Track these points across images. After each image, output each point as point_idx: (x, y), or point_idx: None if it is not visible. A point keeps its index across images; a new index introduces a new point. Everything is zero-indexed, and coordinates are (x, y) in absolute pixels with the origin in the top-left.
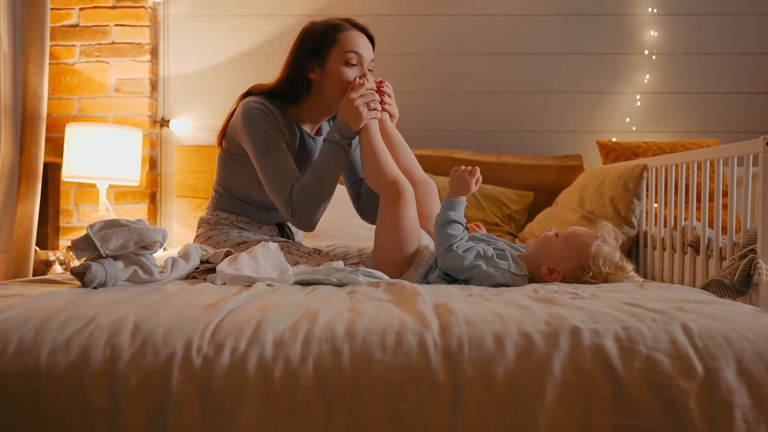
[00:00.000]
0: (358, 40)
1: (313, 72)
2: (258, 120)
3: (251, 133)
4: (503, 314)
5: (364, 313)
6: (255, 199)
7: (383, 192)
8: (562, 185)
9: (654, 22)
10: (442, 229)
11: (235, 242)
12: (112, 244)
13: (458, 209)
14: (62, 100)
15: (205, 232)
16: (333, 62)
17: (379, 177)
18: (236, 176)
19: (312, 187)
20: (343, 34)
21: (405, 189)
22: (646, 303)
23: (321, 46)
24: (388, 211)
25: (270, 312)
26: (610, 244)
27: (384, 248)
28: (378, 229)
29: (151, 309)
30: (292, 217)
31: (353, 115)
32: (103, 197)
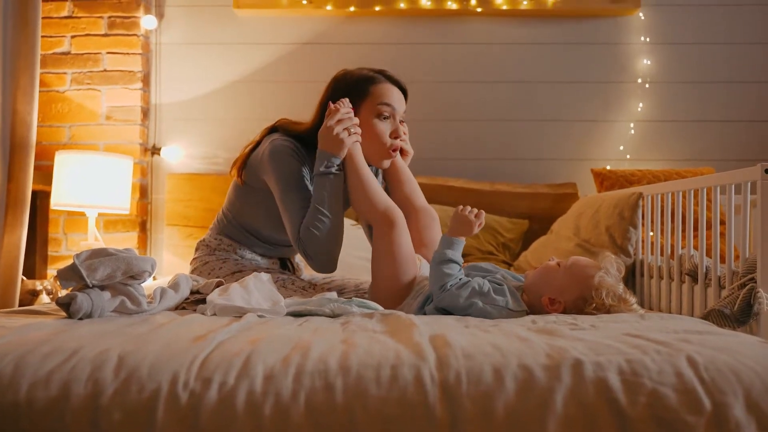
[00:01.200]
0: (392, 92)
1: None
2: (286, 158)
3: (277, 169)
4: (502, 346)
5: (358, 346)
6: (264, 234)
7: (375, 221)
8: (556, 213)
9: (647, 50)
10: (438, 267)
11: (230, 271)
12: (99, 274)
13: (456, 248)
14: (52, 127)
15: (202, 255)
16: (365, 115)
17: (369, 206)
18: (249, 208)
19: (317, 226)
20: (377, 87)
21: (397, 217)
22: (649, 334)
23: (355, 95)
24: (381, 240)
25: (260, 344)
26: (613, 276)
27: (380, 277)
28: (373, 258)
29: (136, 341)
30: (308, 260)
31: (334, 143)
32: (93, 226)
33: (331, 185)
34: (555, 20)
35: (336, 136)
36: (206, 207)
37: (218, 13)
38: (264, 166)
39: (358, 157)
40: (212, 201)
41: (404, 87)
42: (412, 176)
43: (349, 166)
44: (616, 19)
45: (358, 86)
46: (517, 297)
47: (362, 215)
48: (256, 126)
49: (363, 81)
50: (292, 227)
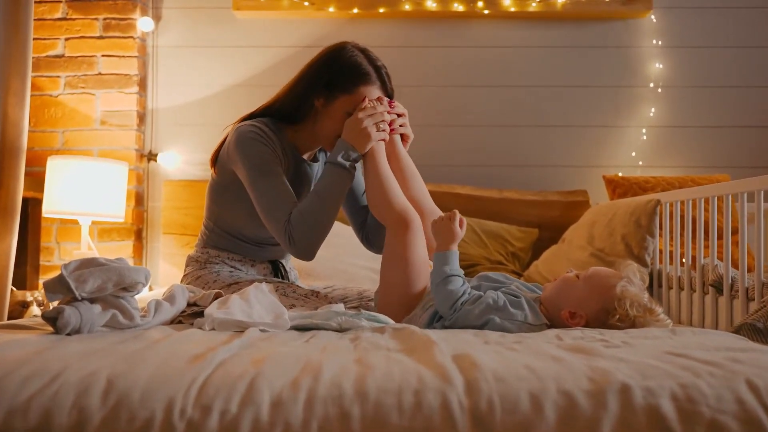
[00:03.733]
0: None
1: (318, 99)
2: (253, 143)
3: (245, 156)
4: (537, 368)
5: (375, 367)
6: (248, 234)
7: (390, 223)
8: (567, 222)
9: (659, 54)
10: (440, 287)
11: (225, 283)
12: (88, 286)
13: (452, 262)
14: (45, 132)
15: (193, 271)
16: (339, 106)
17: (386, 207)
18: (228, 210)
19: (312, 212)
20: (365, 89)
21: (413, 220)
22: (693, 352)
23: (337, 84)
24: (395, 244)
25: (266, 365)
26: (636, 285)
27: (390, 283)
28: (384, 262)
29: (128, 361)
30: (289, 245)
31: (360, 136)
32: (86, 234)
33: (341, 178)
34: (564, 23)
35: (363, 129)
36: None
37: (217, 15)
38: (231, 156)
39: (380, 155)
40: None
41: (392, 94)
42: (419, 176)
43: (369, 163)
44: (627, 21)
45: (347, 75)
46: (535, 309)
47: (377, 215)
48: None
49: (355, 75)
50: (268, 213)
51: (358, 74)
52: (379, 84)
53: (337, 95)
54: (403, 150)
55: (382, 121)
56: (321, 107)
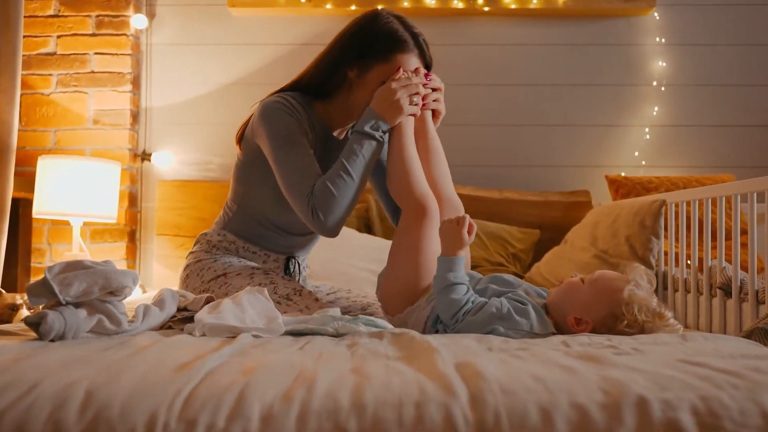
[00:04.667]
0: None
1: (351, 70)
2: (277, 114)
3: (269, 127)
4: (545, 378)
5: (373, 377)
6: (272, 219)
7: (406, 208)
8: (569, 222)
9: (662, 52)
10: (443, 295)
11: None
12: (73, 290)
13: (457, 268)
14: (37, 132)
15: (199, 251)
16: (375, 76)
17: (406, 190)
18: (253, 190)
19: (338, 183)
20: (402, 57)
21: (432, 209)
22: (709, 360)
23: (372, 53)
24: (408, 231)
25: (256, 375)
26: (644, 289)
27: (398, 271)
28: (394, 248)
29: (110, 371)
30: (313, 219)
31: (392, 107)
32: (77, 235)
33: (368, 150)
34: (566, 20)
35: (396, 101)
36: (198, 216)
37: (212, 12)
38: (256, 128)
39: (408, 132)
40: (205, 209)
41: (431, 63)
42: (444, 158)
43: (395, 139)
44: (630, 19)
45: (384, 45)
46: (542, 317)
47: (394, 195)
48: None
49: (392, 43)
50: (291, 186)
51: (394, 41)
52: (417, 52)
53: (372, 64)
54: (433, 128)
55: (416, 93)
56: (355, 78)
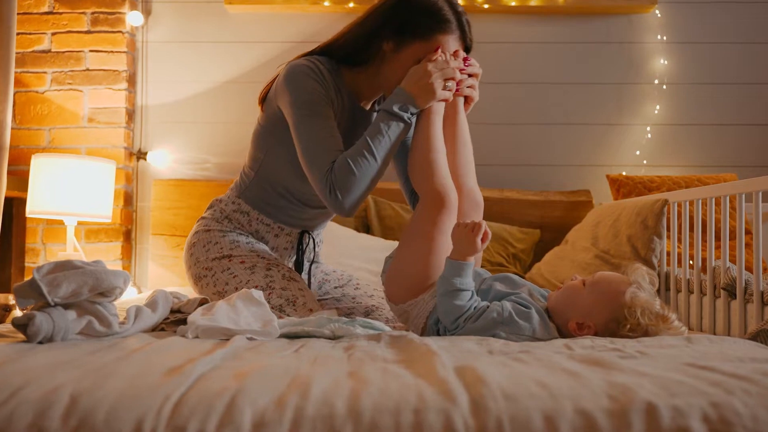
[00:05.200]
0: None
1: (387, 43)
2: (303, 79)
3: (293, 92)
4: (549, 384)
5: (370, 382)
6: (292, 189)
7: (424, 196)
8: (570, 222)
9: (664, 50)
10: (446, 299)
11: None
12: (62, 290)
13: (465, 274)
14: (31, 130)
15: (211, 219)
16: (410, 53)
17: (426, 178)
18: (272, 158)
19: (360, 161)
20: (442, 38)
21: (450, 201)
22: (717, 364)
23: (411, 28)
24: (424, 219)
25: (249, 380)
26: (646, 291)
27: (407, 260)
28: (406, 236)
29: (97, 375)
30: (329, 196)
31: (424, 90)
32: (71, 235)
33: (395, 131)
34: (566, 18)
35: (430, 84)
36: (195, 215)
37: (209, 9)
38: (280, 92)
39: (437, 117)
40: (201, 209)
41: (470, 47)
42: (470, 147)
43: (422, 122)
44: (631, 17)
45: (426, 22)
46: (545, 321)
47: (414, 182)
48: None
49: (434, 21)
50: (310, 158)
51: (437, 20)
52: (458, 34)
53: (410, 41)
54: (463, 115)
55: (451, 78)
56: (389, 52)
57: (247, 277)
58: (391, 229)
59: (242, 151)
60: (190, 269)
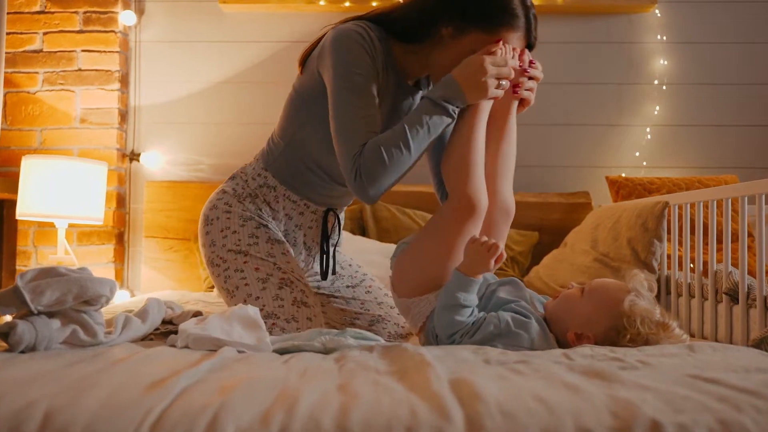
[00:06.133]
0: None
1: (446, 26)
2: (352, 45)
3: (338, 58)
4: (549, 400)
5: (360, 396)
6: (323, 165)
7: (455, 198)
8: (568, 225)
9: (664, 50)
10: (446, 313)
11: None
12: (45, 298)
13: (471, 290)
14: (22, 131)
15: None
16: (469, 42)
17: (459, 180)
18: (306, 129)
19: (393, 153)
20: (507, 33)
21: (480, 209)
22: (723, 376)
23: (474, 17)
24: (448, 223)
25: (234, 394)
26: (645, 298)
27: (422, 255)
28: (427, 232)
29: (74, 389)
30: (354, 180)
31: (476, 85)
32: (62, 238)
33: (436, 124)
34: (565, 18)
35: (483, 81)
36: (188, 218)
37: (203, 8)
38: (323, 57)
39: (483, 115)
40: (194, 211)
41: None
42: (514, 154)
43: (466, 119)
44: (631, 16)
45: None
46: (545, 331)
47: (446, 179)
48: (243, 130)
49: (501, 14)
50: (342, 136)
51: (504, 13)
52: (523, 32)
53: (471, 30)
54: (514, 118)
55: (506, 78)
56: (447, 36)
57: (257, 292)
58: (387, 231)
59: (237, 152)
60: (204, 247)
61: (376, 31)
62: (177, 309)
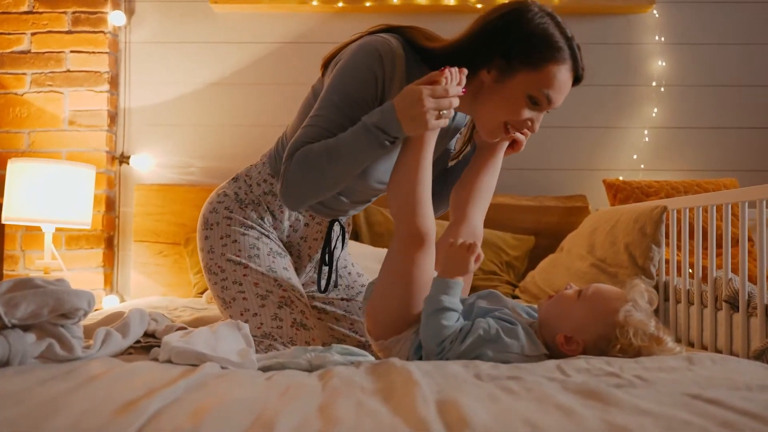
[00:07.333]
0: (564, 83)
1: (488, 71)
2: (371, 59)
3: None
4: (541, 425)
5: (341, 421)
6: None
7: (403, 232)
8: (565, 229)
9: (662, 51)
10: (433, 318)
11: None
12: (20, 311)
13: (453, 293)
14: (10, 133)
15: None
16: (517, 86)
17: (407, 213)
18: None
19: (313, 161)
20: (555, 68)
21: (429, 239)
22: (726, 397)
23: (519, 58)
24: (400, 256)
25: (207, 417)
26: (642, 310)
27: (387, 298)
28: (384, 274)
29: (39, 413)
30: (280, 182)
31: (413, 117)
32: (49, 242)
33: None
34: (562, 18)
35: (422, 113)
36: (178, 221)
37: (194, 9)
38: (341, 60)
39: (428, 149)
40: (185, 215)
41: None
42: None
43: (411, 150)
44: (629, 17)
45: (534, 51)
46: (533, 338)
47: (392, 210)
48: (235, 132)
49: (545, 49)
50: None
51: (549, 48)
52: (570, 64)
53: (518, 71)
54: (501, 157)
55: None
56: (490, 82)
57: (255, 308)
58: (381, 236)
59: (229, 155)
60: (203, 252)
61: (409, 53)
62: (162, 322)
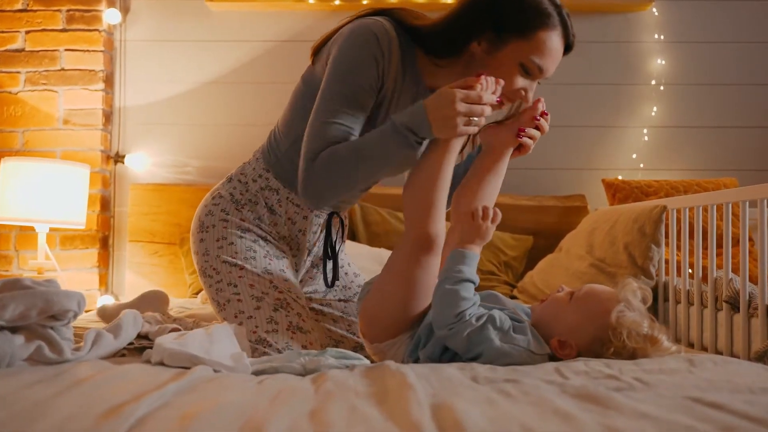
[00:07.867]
0: (555, 50)
1: (478, 43)
2: (362, 45)
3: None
4: (538, 431)
5: (332, 426)
6: None
7: (414, 235)
8: (564, 228)
9: (661, 49)
10: (450, 290)
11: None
12: (8, 313)
13: (471, 263)
14: (4, 132)
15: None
16: (508, 56)
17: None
18: None
19: (342, 162)
20: (545, 35)
21: (438, 244)
22: (729, 401)
23: (509, 26)
24: (407, 258)
25: (195, 423)
26: (636, 309)
27: (386, 297)
28: (387, 273)
29: (22, 418)
30: (302, 183)
31: (444, 120)
32: (43, 242)
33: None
34: None
35: (452, 118)
36: (174, 221)
37: (189, 7)
38: (334, 45)
39: (452, 154)
40: (180, 214)
41: (572, 44)
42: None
43: (436, 153)
44: (627, 15)
45: (523, 18)
46: (538, 337)
47: (406, 211)
48: (232, 132)
49: (534, 16)
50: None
51: (538, 14)
52: (560, 30)
53: (509, 40)
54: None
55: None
56: (481, 53)
57: (250, 310)
58: (378, 236)
59: (225, 154)
60: (197, 255)
61: (401, 35)
62: (155, 324)
